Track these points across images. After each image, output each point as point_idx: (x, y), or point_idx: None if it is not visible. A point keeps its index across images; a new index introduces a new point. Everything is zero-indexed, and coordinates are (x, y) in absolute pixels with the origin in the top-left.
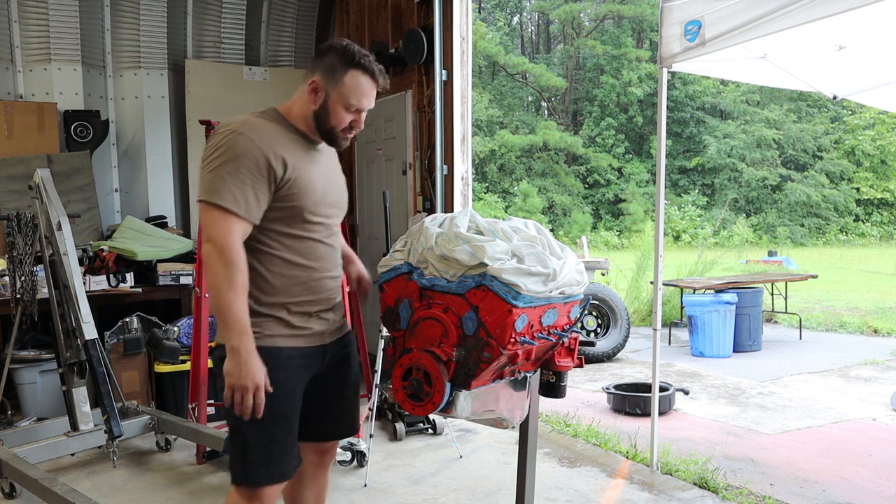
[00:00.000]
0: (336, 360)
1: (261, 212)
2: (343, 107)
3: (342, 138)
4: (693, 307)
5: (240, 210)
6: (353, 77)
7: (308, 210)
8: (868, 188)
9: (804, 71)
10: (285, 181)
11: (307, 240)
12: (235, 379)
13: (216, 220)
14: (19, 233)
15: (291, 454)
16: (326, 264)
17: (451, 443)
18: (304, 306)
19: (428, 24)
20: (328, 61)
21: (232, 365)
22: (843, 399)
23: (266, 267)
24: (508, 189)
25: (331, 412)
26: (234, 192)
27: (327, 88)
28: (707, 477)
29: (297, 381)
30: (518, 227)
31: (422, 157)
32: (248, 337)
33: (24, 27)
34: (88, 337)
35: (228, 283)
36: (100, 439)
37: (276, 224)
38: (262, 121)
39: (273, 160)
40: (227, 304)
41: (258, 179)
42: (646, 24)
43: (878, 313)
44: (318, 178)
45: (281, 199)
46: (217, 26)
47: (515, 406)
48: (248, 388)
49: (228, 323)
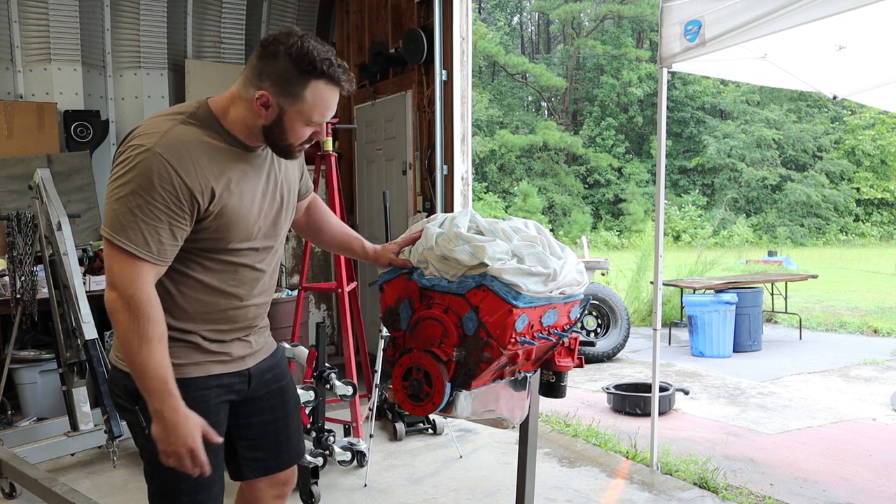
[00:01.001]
0: (264, 381)
1: (177, 249)
2: (303, 123)
3: (298, 152)
4: (693, 307)
5: (151, 255)
6: (315, 89)
7: (235, 241)
8: (868, 188)
9: (804, 71)
10: (210, 212)
11: (231, 265)
12: (166, 445)
13: (122, 266)
14: (19, 233)
15: (216, 491)
16: (252, 291)
17: (451, 443)
18: (220, 334)
19: (428, 24)
20: (280, 69)
21: (159, 430)
22: (843, 399)
23: (179, 289)
24: (508, 189)
25: (274, 440)
26: (145, 233)
27: (282, 104)
28: (707, 477)
29: (218, 413)
30: (518, 227)
31: (422, 157)
32: (172, 396)
33: (24, 27)
34: (88, 337)
35: (140, 339)
36: (100, 439)
37: (197, 253)
38: (187, 131)
39: (197, 190)
40: (142, 364)
41: (176, 215)
42: (646, 24)
43: (878, 313)
44: (255, 197)
45: (203, 230)
46: (217, 26)
47: (515, 406)
48: (182, 455)
49: (147, 385)
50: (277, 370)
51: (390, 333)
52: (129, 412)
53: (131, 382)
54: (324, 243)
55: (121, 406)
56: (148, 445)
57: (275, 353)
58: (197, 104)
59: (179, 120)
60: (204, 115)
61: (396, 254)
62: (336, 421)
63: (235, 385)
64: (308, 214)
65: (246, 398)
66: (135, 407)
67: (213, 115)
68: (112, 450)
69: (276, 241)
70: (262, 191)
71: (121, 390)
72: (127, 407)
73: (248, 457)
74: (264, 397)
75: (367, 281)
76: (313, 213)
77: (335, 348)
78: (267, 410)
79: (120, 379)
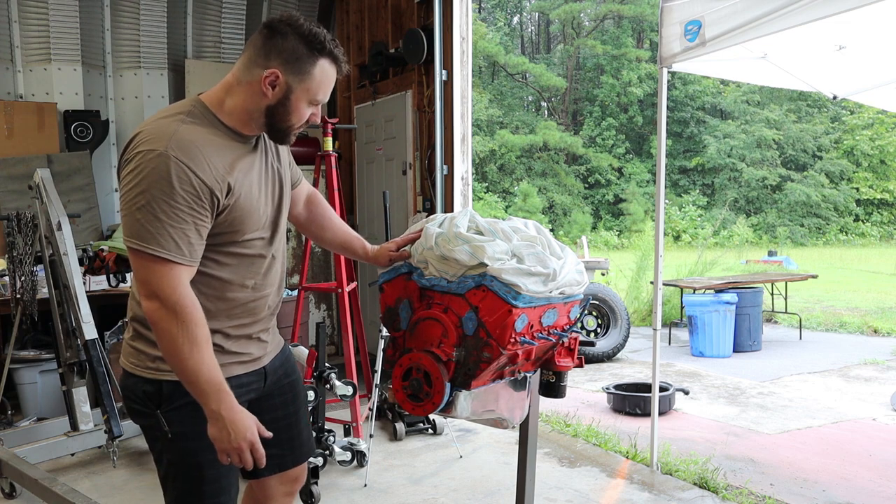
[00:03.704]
0: (277, 377)
1: (203, 248)
2: (307, 102)
3: (294, 136)
4: (693, 307)
5: (184, 258)
6: (323, 67)
7: (248, 232)
8: (868, 188)
9: (804, 71)
10: (226, 206)
11: (246, 257)
12: (226, 444)
13: (159, 274)
14: (19, 233)
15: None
16: (267, 280)
17: (451, 443)
18: (244, 329)
19: (428, 24)
20: (290, 47)
21: (217, 430)
22: (843, 399)
23: (198, 289)
24: (508, 189)
25: (288, 436)
26: (175, 237)
27: (290, 82)
28: (707, 477)
29: None
30: (518, 227)
31: (422, 157)
32: (228, 395)
33: (24, 27)
34: (88, 337)
35: (191, 344)
36: (100, 439)
37: (212, 245)
38: (193, 131)
39: (216, 187)
40: (195, 369)
41: (199, 214)
42: (646, 24)
43: (878, 313)
44: (259, 186)
45: (218, 224)
46: (217, 26)
47: (515, 406)
48: (244, 449)
49: (202, 389)
50: (288, 365)
51: (390, 333)
52: (147, 416)
53: (150, 387)
54: (325, 241)
55: (137, 411)
56: (171, 448)
57: (283, 349)
58: (190, 102)
59: (180, 120)
60: (201, 112)
61: (396, 250)
62: (336, 421)
63: (253, 384)
64: (309, 209)
65: (261, 395)
66: (156, 411)
67: (208, 111)
68: (112, 450)
69: (280, 227)
70: (262, 179)
71: (139, 396)
72: (145, 412)
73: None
74: (277, 393)
75: (367, 281)
76: (314, 208)
77: (335, 348)
78: (280, 406)
79: (138, 385)
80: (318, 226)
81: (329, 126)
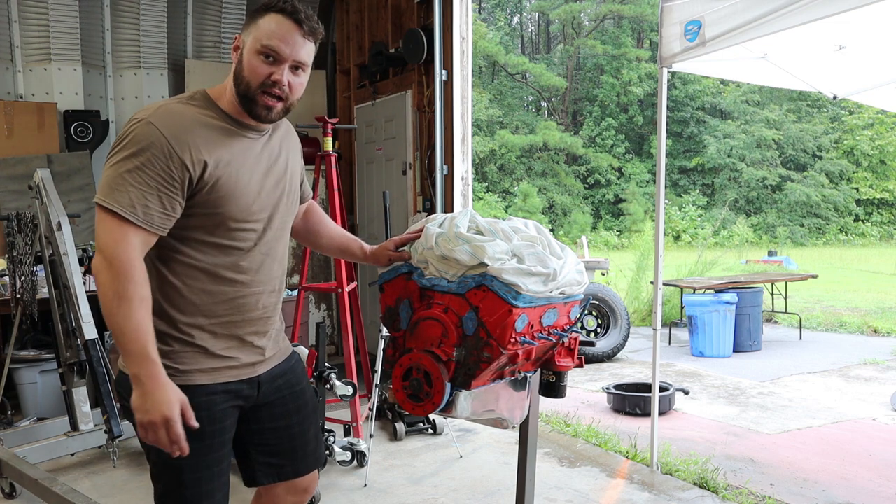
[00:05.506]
0: (276, 386)
1: (169, 221)
2: (256, 52)
3: (262, 104)
4: (693, 307)
5: (137, 219)
6: (270, 19)
7: (234, 218)
8: (867, 188)
9: (804, 71)
10: (204, 184)
11: (234, 249)
12: (143, 414)
13: (109, 228)
14: (19, 233)
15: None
16: (257, 276)
17: (451, 443)
18: (231, 328)
19: (428, 24)
20: (251, 15)
21: (137, 397)
22: (843, 399)
23: (182, 280)
24: (508, 189)
25: (290, 446)
26: (133, 197)
27: (245, 39)
28: (707, 477)
29: (224, 419)
30: (518, 227)
31: (422, 157)
32: (151, 362)
33: (24, 27)
34: (88, 337)
35: (119, 297)
36: (100, 439)
37: (196, 231)
38: (184, 107)
39: (188, 160)
40: (121, 323)
41: (167, 183)
42: (646, 24)
43: (878, 313)
44: (253, 175)
45: (199, 204)
46: (217, 26)
47: (515, 406)
48: (158, 424)
49: (125, 346)
50: (291, 375)
51: (390, 333)
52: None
53: None
54: (322, 247)
55: (129, 409)
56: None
57: (289, 357)
58: (195, 91)
59: (178, 100)
60: (202, 98)
61: (395, 249)
62: (336, 421)
63: (244, 391)
64: (306, 219)
65: (258, 403)
66: None
67: (209, 97)
68: (112, 450)
69: (274, 223)
70: (264, 172)
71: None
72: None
73: (262, 462)
74: (277, 402)
75: (367, 281)
76: (311, 217)
77: (335, 348)
78: (280, 416)
79: (128, 381)
80: (314, 233)
81: (329, 126)
